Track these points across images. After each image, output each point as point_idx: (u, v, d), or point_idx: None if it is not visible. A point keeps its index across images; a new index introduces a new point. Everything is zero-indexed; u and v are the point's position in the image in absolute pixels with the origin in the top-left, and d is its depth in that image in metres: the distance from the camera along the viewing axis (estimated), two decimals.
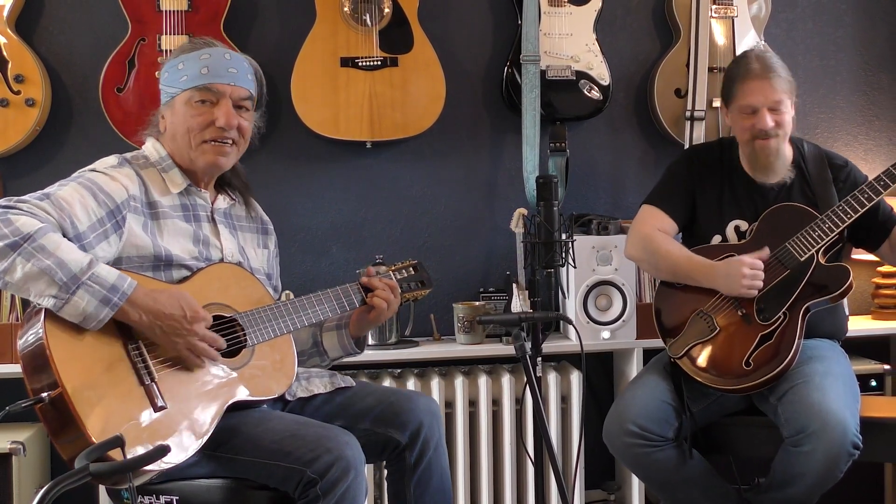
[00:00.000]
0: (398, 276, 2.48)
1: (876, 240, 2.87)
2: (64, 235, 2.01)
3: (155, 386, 2.02)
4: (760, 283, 2.67)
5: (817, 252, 2.70)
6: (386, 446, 2.32)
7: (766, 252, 2.71)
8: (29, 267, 1.92)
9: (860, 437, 2.49)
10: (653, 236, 2.84)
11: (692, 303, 2.77)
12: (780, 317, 2.68)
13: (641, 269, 3.21)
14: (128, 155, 2.27)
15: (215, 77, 2.24)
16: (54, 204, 2.03)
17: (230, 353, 2.17)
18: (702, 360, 2.71)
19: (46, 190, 2.08)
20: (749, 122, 2.76)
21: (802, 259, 2.69)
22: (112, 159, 2.23)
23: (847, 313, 3.61)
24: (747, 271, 2.65)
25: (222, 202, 2.36)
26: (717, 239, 2.85)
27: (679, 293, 2.81)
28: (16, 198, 2.02)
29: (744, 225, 2.84)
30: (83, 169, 2.19)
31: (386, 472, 2.40)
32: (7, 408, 1.93)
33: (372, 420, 2.31)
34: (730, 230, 2.85)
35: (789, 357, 2.62)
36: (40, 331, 1.94)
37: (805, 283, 2.69)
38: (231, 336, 2.18)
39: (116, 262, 2.11)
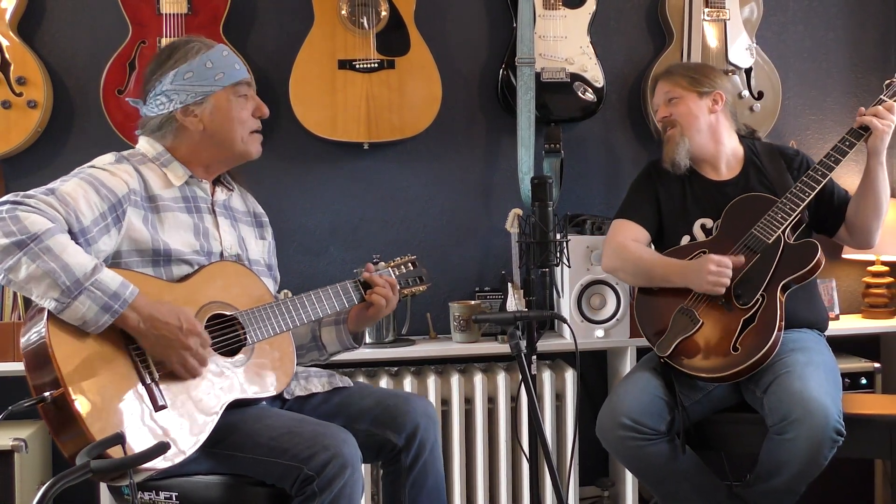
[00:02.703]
0: (397, 272, 2.49)
1: (833, 224, 2.95)
2: (70, 230, 2.02)
3: (156, 385, 2.04)
4: (727, 280, 2.72)
5: (783, 232, 2.77)
6: (383, 448, 2.34)
7: (735, 258, 2.76)
8: (34, 268, 1.93)
9: (843, 423, 2.52)
10: (626, 245, 2.92)
11: (672, 302, 2.82)
12: (758, 299, 2.73)
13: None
14: (124, 153, 2.29)
15: (243, 73, 2.33)
16: (60, 199, 2.04)
17: (230, 351, 2.19)
18: (690, 353, 2.74)
19: (50, 185, 2.09)
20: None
21: (770, 241, 2.77)
22: (110, 157, 2.25)
23: (837, 311, 3.67)
24: (713, 268, 2.71)
25: (221, 194, 2.39)
26: (686, 240, 2.93)
27: (657, 297, 2.87)
28: (22, 193, 2.03)
29: (709, 222, 2.92)
30: (82, 166, 2.21)
31: (381, 472, 2.41)
32: (10, 407, 1.94)
33: (370, 422, 2.32)
34: (697, 229, 2.93)
35: (773, 336, 2.67)
36: (43, 329, 1.96)
37: (777, 263, 2.75)
38: (231, 334, 2.20)
39: (116, 256, 2.13)
